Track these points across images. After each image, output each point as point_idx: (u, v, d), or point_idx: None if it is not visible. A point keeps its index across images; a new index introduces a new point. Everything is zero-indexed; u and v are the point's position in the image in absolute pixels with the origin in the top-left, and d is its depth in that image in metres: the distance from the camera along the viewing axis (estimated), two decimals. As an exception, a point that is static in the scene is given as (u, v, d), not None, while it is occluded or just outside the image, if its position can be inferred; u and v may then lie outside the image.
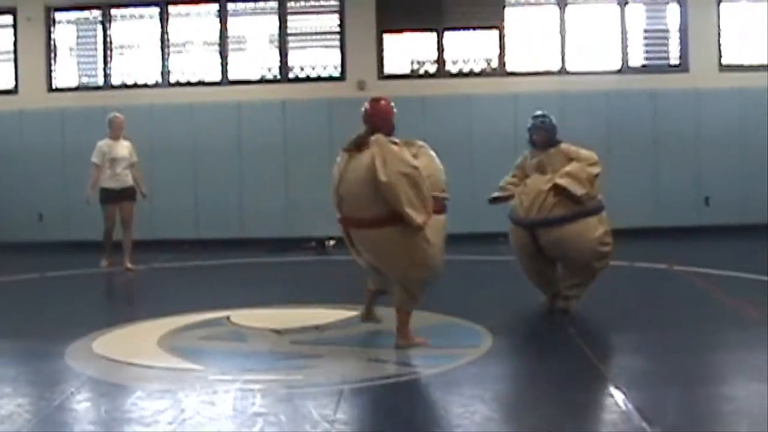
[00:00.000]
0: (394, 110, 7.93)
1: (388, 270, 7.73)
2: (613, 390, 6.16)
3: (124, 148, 13.23)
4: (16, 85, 16.96)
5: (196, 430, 5.61)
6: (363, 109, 7.89)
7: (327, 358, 7.46)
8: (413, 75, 16.68)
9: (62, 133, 16.22)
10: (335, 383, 6.59)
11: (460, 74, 16.60)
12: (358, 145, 7.63)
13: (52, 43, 16.96)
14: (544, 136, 9.13)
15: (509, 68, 16.53)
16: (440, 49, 16.56)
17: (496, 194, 9.37)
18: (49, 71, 16.94)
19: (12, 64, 16.99)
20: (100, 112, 14.40)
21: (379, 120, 7.76)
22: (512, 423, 5.95)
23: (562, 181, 8.73)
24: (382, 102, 7.93)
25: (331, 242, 14.80)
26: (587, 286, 9.05)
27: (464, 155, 15.76)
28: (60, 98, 16.74)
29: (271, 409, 5.97)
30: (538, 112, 9.29)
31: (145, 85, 16.89)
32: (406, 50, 16.73)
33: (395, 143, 7.58)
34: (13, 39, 16.97)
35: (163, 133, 16.06)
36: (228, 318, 9.01)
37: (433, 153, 7.93)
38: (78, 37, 17.19)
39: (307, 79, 16.73)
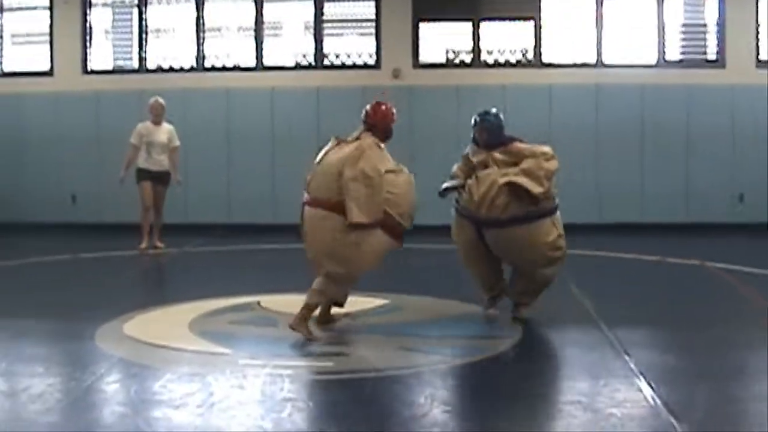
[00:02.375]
0: (395, 118, 8.11)
1: (314, 250, 7.75)
2: (642, 385, 6.12)
3: (163, 132, 13.23)
4: (52, 67, 17.00)
5: (225, 414, 5.62)
6: (364, 110, 8.09)
7: (357, 346, 7.49)
8: (448, 64, 16.61)
9: (96, 115, 16.30)
10: (364, 371, 6.59)
11: (495, 64, 16.50)
12: (352, 139, 7.92)
13: (87, 25, 17.00)
14: (485, 137, 8.48)
15: (545, 59, 16.41)
16: (476, 38, 16.48)
17: (446, 184, 8.50)
18: (85, 54, 16.98)
19: (48, 46, 17.05)
20: (134, 95, 14.46)
21: (377, 122, 7.99)
22: (543, 417, 5.93)
23: (518, 179, 7.96)
24: (383, 107, 8.08)
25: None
26: (539, 293, 8.44)
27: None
28: (95, 81, 16.81)
29: (299, 395, 5.99)
30: (484, 111, 8.66)
31: (180, 69, 16.92)
32: (442, 39, 16.67)
33: (380, 148, 7.82)
34: (49, 21, 17.02)
35: (197, 117, 16.09)
36: (259, 303, 9.04)
37: (412, 183, 7.94)
38: (114, 20, 17.26)
39: (342, 66, 16.72)
